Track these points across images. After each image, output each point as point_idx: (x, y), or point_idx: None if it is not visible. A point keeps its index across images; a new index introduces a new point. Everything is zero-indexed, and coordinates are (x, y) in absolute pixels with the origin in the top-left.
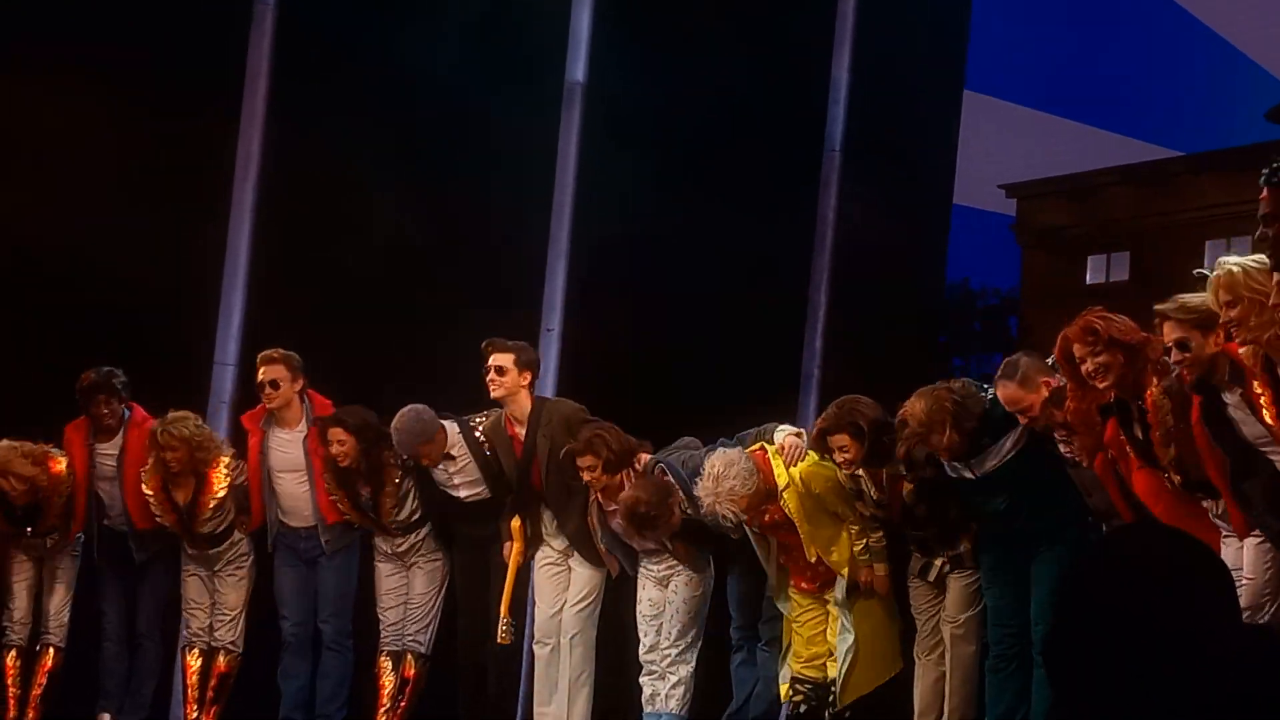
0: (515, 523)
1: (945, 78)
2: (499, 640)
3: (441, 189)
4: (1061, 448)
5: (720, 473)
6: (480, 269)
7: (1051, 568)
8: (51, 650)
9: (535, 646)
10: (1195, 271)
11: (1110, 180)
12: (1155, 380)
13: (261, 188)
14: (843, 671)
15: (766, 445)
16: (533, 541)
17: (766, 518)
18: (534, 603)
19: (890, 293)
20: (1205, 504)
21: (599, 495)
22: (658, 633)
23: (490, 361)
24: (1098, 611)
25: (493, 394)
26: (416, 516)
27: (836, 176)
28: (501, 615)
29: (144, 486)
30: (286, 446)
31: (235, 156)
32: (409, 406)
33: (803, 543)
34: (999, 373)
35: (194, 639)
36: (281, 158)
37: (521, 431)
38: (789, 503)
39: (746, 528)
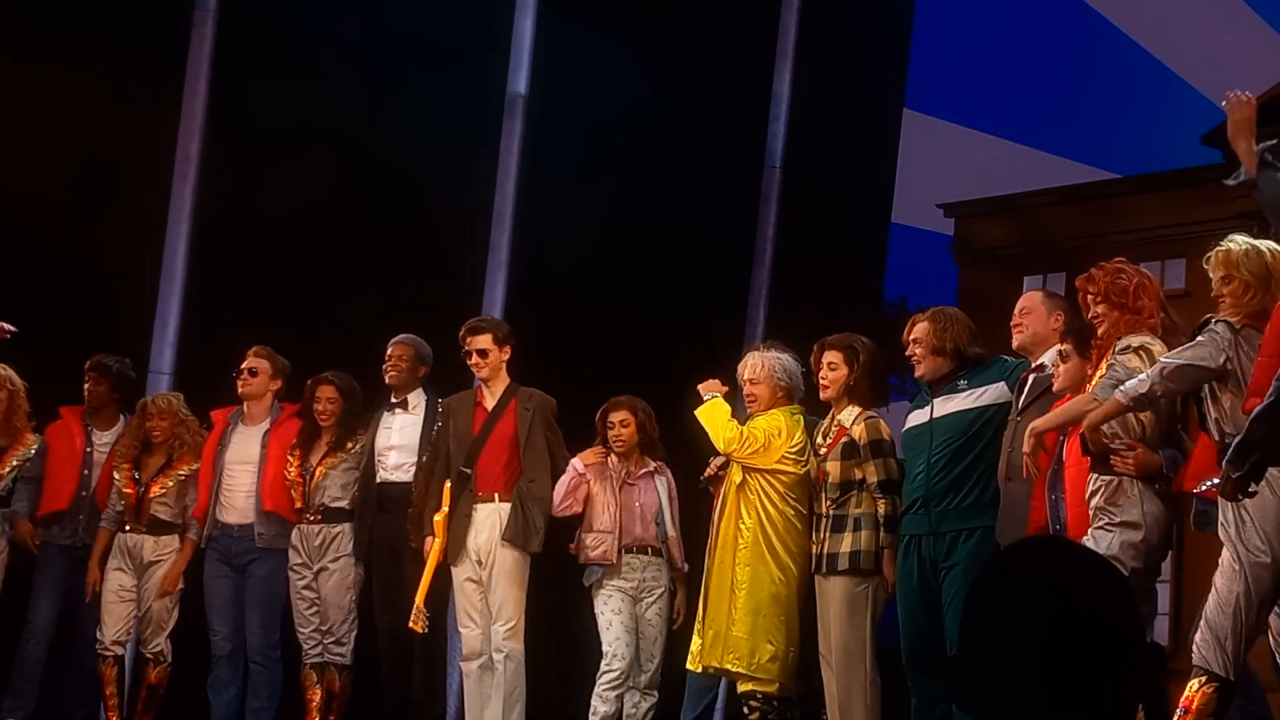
0: (439, 517)
1: (886, 96)
2: (410, 625)
3: (382, 197)
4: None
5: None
6: (420, 276)
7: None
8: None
9: (462, 664)
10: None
11: (1048, 200)
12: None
13: (200, 193)
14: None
15: None
16: (452, 549)
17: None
18: (454, 617)
19: (828, 309)
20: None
21: (611, 456)
22: (637, 649)
23: (470, 345)
24: (999, 630)
25: (479, 375)
26: (342, 504)
27: (776, 193)
28: (416, 604)
29: (115, 461)
30: (246, 440)
31: (174, 161)
32: None
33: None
34: None
35: (107, 652)
36: (221, 163)
37: (490, 405)
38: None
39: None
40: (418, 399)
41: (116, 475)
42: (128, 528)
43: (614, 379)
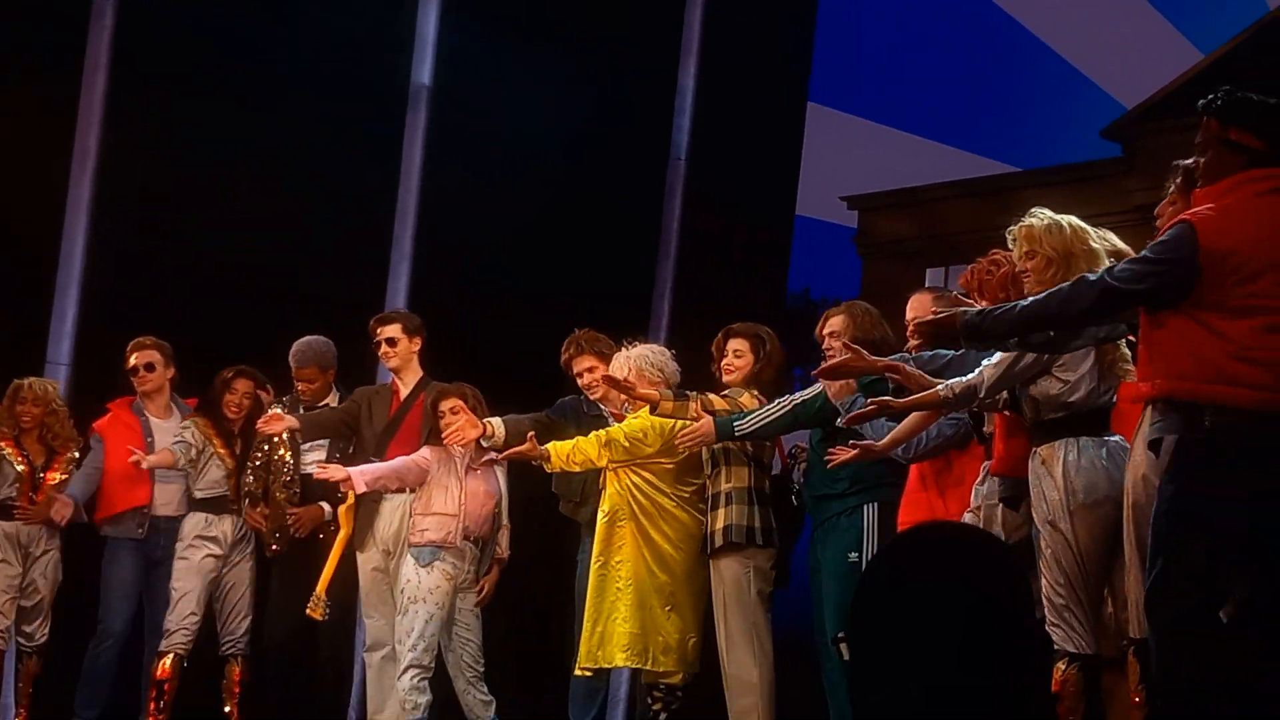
0: (344, 507)
1: (790, 89)
2: (308, 612)
3: (284, 190)
4: None
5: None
6: (323, 270)
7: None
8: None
9: (366, 654)
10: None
11: (950, 194)
12: None
13: (98, 186)
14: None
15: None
16: (359, 538)
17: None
18: (362, 607)
19: (733, 301)
20: None
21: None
22: (461, 641)
23: (379, 334)
24: (890, 612)
25: (388, 365)
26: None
27: (681, 185)
28: (317, 592)
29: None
30: (166, 436)
31: (72, 154)
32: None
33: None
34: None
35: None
36: (120, 156)
37: (403, 395)
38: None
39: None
40: (333, 399)
41: (7, 452)
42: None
43: (520, 372)
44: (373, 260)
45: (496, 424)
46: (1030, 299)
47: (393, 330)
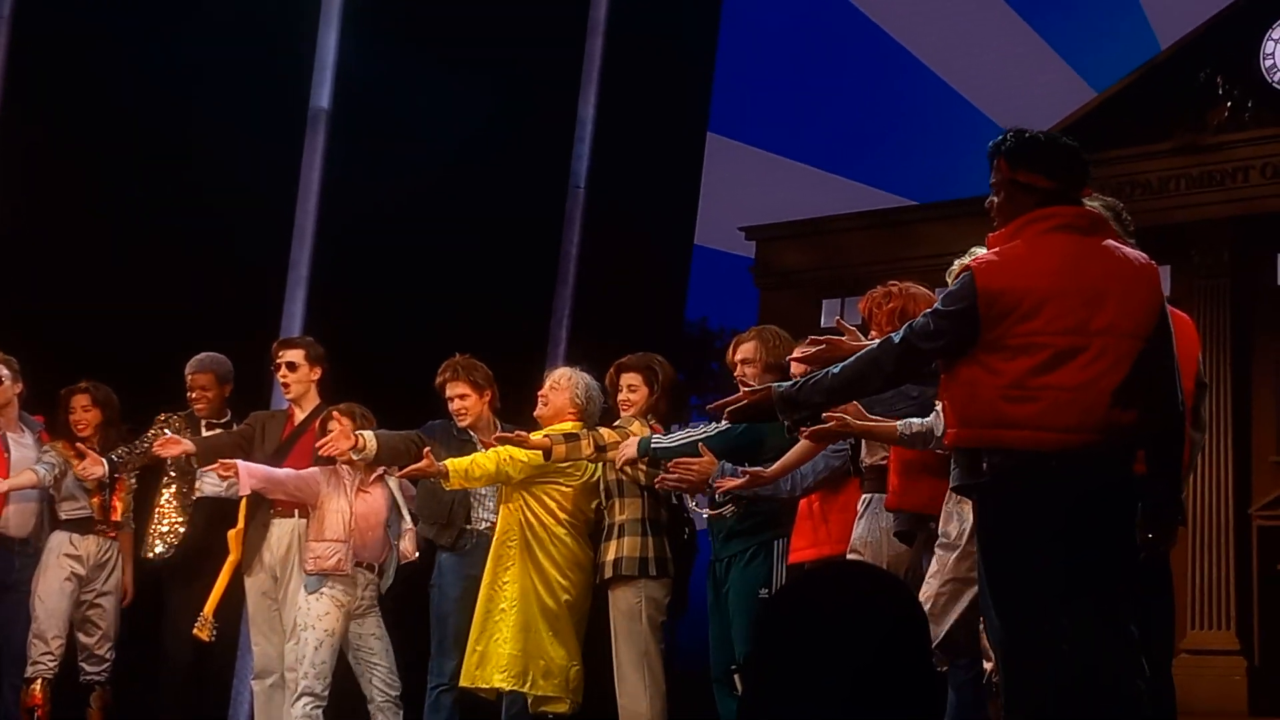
0: (233, 532)
1: (689, 119)
2: (195, 632)
3: (181, 211)
4: None
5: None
6: (219, 293)
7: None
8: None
9: (254, 681)
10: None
11: (846, 225)
12: None
13: None
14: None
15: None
16: (246, 562)
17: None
18: (250, 632)
19: (630, 330)
20: None
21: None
22: (367, 665)
23: (280, 358)
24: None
25: (286, 394)
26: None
27: (580, 213)
28: (204, 613)
29: None
30: (24, 451)
31: None
32: None
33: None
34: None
35: None
36: (12, 171)
37: (298, 420)
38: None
39: None
40: (229, 420)
41: None
42: None
43: (416, 396)
44: (269, 282)
45: (368, 436)
46: (840, 365)
47: (295, 355)
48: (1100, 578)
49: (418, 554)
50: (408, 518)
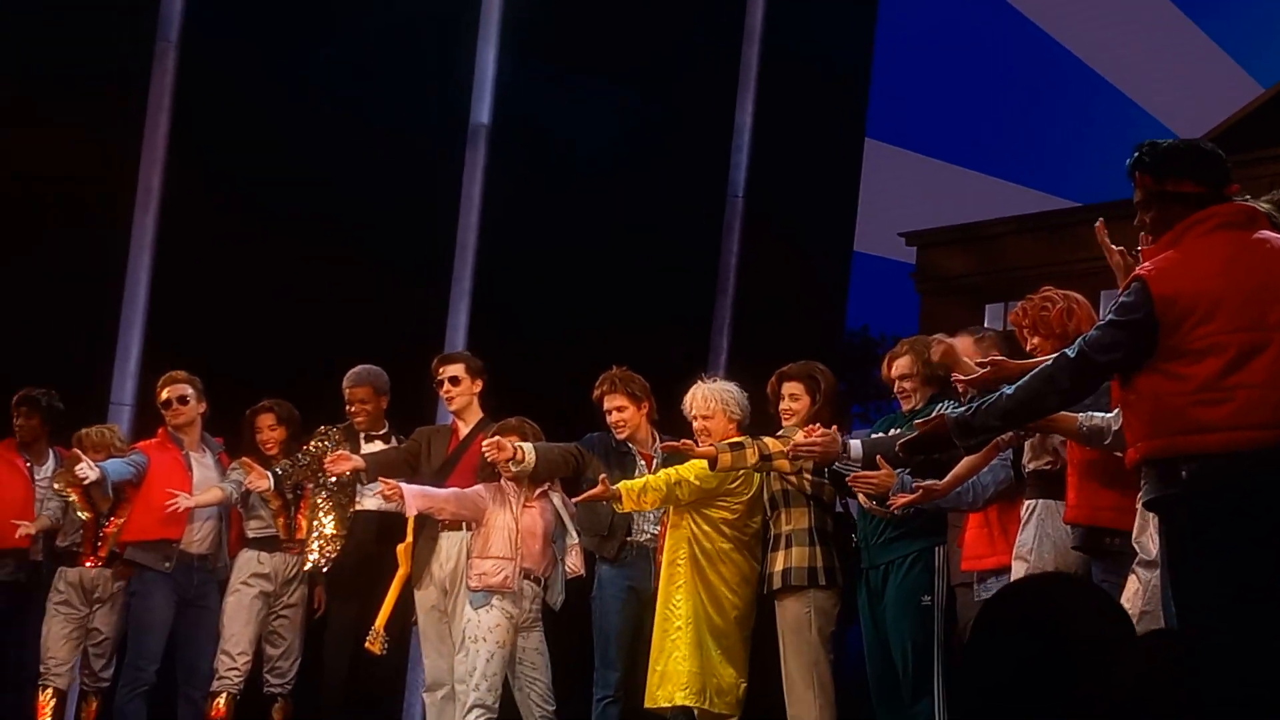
0: (402, 546)
1: (847, 125)
2: (366, 645)
3: (345, 229)
4: None
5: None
6: (383, 308)
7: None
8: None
9: (426, 694)
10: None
11: (1008, 229)
12: None
13: (162, 223)
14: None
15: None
16: (416, 576)
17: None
18: (421, 646)
19: (790, 338)
20: None
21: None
22: (529, 681)
23: (442, 374)
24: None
25: (449, 407)
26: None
27: (739, 222)
28: (375, 627)
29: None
30: (207, 471)
31: (136, 192)
32: None
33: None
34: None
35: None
36: (183, 193)
37: (463, 434)
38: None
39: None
40: (387, 432)
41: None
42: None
43: (577, 410)
44: (433, 296)
45: (528, 449)
46: (1014, 385)
47: (456, 369)
48: None
49: (582, 571)
50: (573, 532)
